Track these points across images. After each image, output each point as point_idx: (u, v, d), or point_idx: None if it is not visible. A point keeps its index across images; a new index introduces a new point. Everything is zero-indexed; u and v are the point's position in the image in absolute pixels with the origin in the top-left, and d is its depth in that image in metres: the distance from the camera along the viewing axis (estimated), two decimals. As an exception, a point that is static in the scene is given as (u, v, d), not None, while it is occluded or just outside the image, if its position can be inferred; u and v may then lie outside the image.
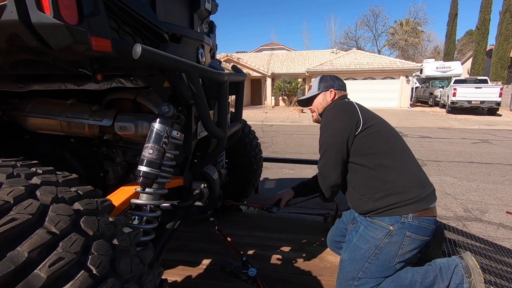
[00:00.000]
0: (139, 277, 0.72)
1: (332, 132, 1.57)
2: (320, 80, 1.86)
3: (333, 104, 1.73)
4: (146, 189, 1.01)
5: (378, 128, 1.58)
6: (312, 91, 1.86)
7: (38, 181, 0.71)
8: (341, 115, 1.59)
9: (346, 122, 1.55)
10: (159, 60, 0.82)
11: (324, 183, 1.66)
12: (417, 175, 1.55)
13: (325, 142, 1.58)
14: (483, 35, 23.04)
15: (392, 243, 1.43)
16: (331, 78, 1.85)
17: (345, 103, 1.70)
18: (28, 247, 0.54)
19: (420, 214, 1.44)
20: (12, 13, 0.66)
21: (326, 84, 1.82)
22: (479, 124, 11.04)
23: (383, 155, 1.53)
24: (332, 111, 1.66)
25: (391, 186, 1.47)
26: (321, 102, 1.82)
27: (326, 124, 1.62)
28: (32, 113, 1.22)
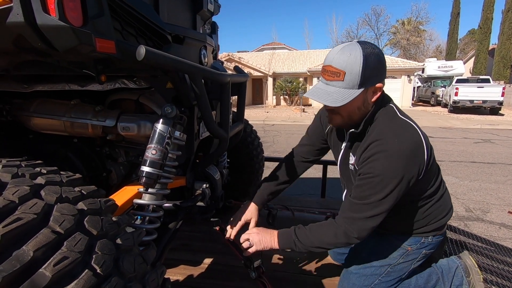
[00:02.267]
0: (142, 276, 0.73)
1: (394, 195, 1.09)
2: (364, 65, 1.04)
3: (393, 140, 1.08)
4: (148, 189, 1.02)
5: (433, 161, 1.22)
6: (345, 84, 1.08)
7: (42, 181, 0.72)
8: (410, 171, 1.08)
9: (413, 178, 1.10)
10: (162, 61, 0.83)
11: (348, 241, 1.16)
12: (447, 203, 1.36)
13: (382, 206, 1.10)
14: (485, 34, 22.97)
15: (407, 261, 1.36)
16: (379, 58, 1.08)
17: (412, 140, 1.10)
18: (33, 246, 0.55)
19: (439, 233, 1.37)
20: (18, 15, 0.66)
21: (373, 74, 1.08)
22: (481, 123, 11.02)
23: (427, 194, 1.27)
24: (394, 161, 1.07)
25: (426, 220, 1.31)
26: (359, 107, 1.15)
27: (384, 182, 1.08)
28: (36, 114, 1.23)
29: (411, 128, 1.14)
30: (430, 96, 20.25)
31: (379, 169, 1.08)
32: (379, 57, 1.07)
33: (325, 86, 1.12)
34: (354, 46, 1.07)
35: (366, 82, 1.07)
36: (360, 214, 1.12)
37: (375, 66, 1.06)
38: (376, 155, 1.09)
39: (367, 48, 1.06)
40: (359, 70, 1.05)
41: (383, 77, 1.12)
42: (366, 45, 1.07)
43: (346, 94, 1.07)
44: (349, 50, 1.06)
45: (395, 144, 1.07)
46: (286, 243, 1.27)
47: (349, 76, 1.06)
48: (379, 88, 1.12)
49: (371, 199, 1.10)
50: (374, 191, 1.09)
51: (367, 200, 1.11)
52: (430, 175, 1.22)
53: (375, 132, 1.15)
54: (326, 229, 1.20)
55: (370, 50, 1.06)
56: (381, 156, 1.08)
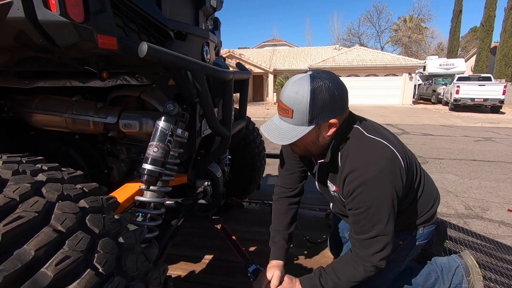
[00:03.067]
0: (144, 275, 0.72)
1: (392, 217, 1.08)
2: (311, 103, 1.01)
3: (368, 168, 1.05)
4: (150, 187, 1.02)
5: (411, 167, 1.21)
6: (294, 122, 1.06)
7: (43, 178, 0.71)
8: (397, 189, 1.07)
9: (400, 191, 1.09)
10: (165, 58, 0.82)
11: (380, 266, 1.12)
12: (432, 193, 1.36)
13: (388, 231, 1.08)
14: (487, 32, 22.87)
15: (401, 255, 1.36)
16: (329, 93, 1.02)
17: (386, 159, 1.07)
18: (35, 245, 0.55)
19: (428, 224, 1.37)
20: (19, 10, 0.66)
21: (323, 111, 1.03)
22: (482, 122, 11.00)
23: (412, 193, 1.27)
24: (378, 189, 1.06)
25: (410, 216, 1.32)
26: (314, 142, 1.12)
27: (381, 212, 1.06)
28: (38, 110, 1.22)
29: (381, 146, 1.10)
30: (431, 94, 20.20)
31: (368, 200, 1.06)
32: (331, 94, 1.02)
33: (278, 121, 1.12)
34: (304, 82, 1.02)
35: (316, 119, 1.04)
36: (375, 248, 1.10)
37: (324, 103, 1.02)
38: (358, 189, 1.07)
39: (317, 83, 1.01)
40: (306, 109, 1.02)
41: (337, 112, 1.07)
42: (318, 80, 1.02)
43: (295, 132, 1.06)
44: (297, 86, 1.03)
45: (371, 172, 1.05)
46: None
47: (296, 114, 1.04)
48: (333, 123, 1.07)
49: (374, 230, 1.09)
50: (374, 222, 1.08)
51: (371, 233, 1.09)
52: (410, 177, 1.21)
53: (348, 162, 1.11)
54: (353, 270, 1.16)
55: (320, 86, 1.01)
56: (364, 188, 1.06)
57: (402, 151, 1.13)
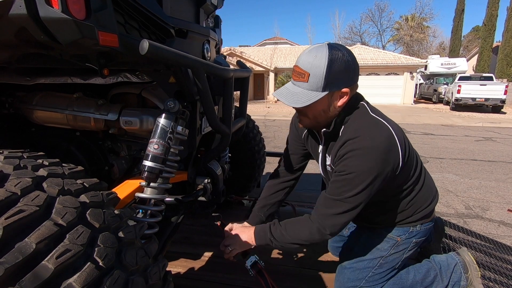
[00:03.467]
0: (144, 269, 0.73)
1: (367, 192, 1.10)
2: (328, 68, 1.03)
3: (365, 138, 1.08)
4: (150, 184, 1.03)
5: (410, 161, 1.23)
6: (309, 86, 1.08)
7: (44, 173, 0.72)
8: (383, 167, 1.09)
9: (387, 173, 1.11)
10: (165, 56, 0.82)
11: (321, 237, 1.17)
12: (431, 190, 1.38)
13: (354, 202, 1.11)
14: (489, 31, 22.81)
15: (398, 252, 1.38)
16: (346, 62, 1.06)
17: (383, 137, 1.10)
18: (36, 238, 0.55)
19: (426, 221, 1.39)
20: (21, 7, 0.66)
21: (338, 78, 1.06)
22: (483, 121, 10.98)
23: (407, 186, 1.28)
24: (367, 159, 1.07)
25: (410, 211, 1.33)
26: (325, 110, 1.14)
27: (357, 180, 1.09)
28: (39, 106, 1.23)
29: (384, 127, 1.13)
30: (432, 93, 20.17)
31: (353, 166, 1.09)
32: (346, 63, 1.06)
33: (292, 86, 1.14)
34: (322, 48, 1.06)
35: (330, 85, 1.07)
36: (333, 210, 1.14)
37: (340, 70, 1.05)
38: (350, 152, 1.10)
39: (335, 51, 1.04)
40: (322, 73, 1.04)
41: (351, 82, 1.10)
42: (335, 49, 1.05)
43: (309, 96, 1.08)
44: (315, 52, 1.06)
45: (368, 142, 1.08)
46: (263, 241, 1.29)
47: (312, 78, 1.06)
48: (345, 93, 1.10)
49: (344, 195, 1.12)
50: (348, 188, 1.11)
51: (340, 196, 1.13)
52: (408, 169, 1.23)
53: (349, 131, 1.15)
54: (300, 226, 1.22)
55: (337, 54, 1.04)
56: (355, 154, 1.09)
57: (402, 140, 1.15)
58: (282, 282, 1.66)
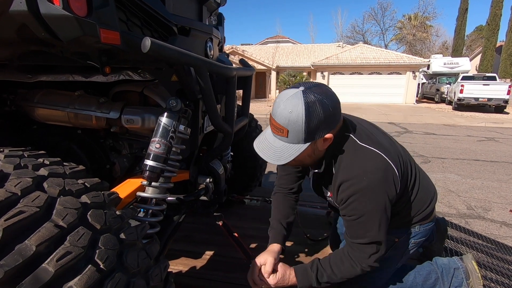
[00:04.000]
0: (145, 271, 0.72)
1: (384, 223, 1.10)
2: (307, 123, 0.99)
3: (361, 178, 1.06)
4: (152, 183, 1.02)
5: (405, 172, 1.22)
6: (289, 140, 1.04)
7: (45, 173, 0.71)
8: (389, 197, 1.09)
9: (393, 198, 1.11)
10: (168, 54, 0.81)
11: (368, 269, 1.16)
12: (429, 191, 1.36)
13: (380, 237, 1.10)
14: (493, 30, 22.69)
15: (397, 253, 1.37)
16: (324, 110, 1.00)
17: (379, 169, 1.08)
18: (36, 240, 0.54)
19: (425, 222, 1.37)
20: (21, 3, 0.65)
21: (319, 128, 1.02)
22: (486, 121, 10.94)
23: (407, 195, 1.27)
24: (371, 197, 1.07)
25: (407, 215, 1.33)
26: (310, 155, 1.12)
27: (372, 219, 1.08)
28: (40, 104, 1.22)
29: (376, 157, 1.10)
30: (434, 93, 20.09)
31: (361, 210, 1.08)
32: (325, 108, 1.00)
33: (272, 139, 1.09)
34: (297, 100, 0.98)
35: (312, 136, 1.03)
36: (366, 253, 1.14)
37: (319, 121, 1.00)
38: (352, 197, 1.08)
39: (311, 102, 0.98)
40: (301, 129, 1.00)
41: (333, 126, 1.06)
42: (310, 98, 0.99)
43: (291, 151, 1.05)
44: (290, 106, 0.99)
45: (365, 182, 1.06)
46: (307, 283, 1.21)
47: (292, 134, 1.02)
48: (329, 138, 1.07)
49: (367, 237, 1.11)
50: (367, 229, 1.10)
51: (365, 239, 1.12)
52: (404, 181, 1.22)
53: (341, 171, 1.11)
54: (347, 268, 1.18)
55: (314, 105, 0.98)
56: (357, 197, 1.07)
57: (395, 157, 1.14)
58: (283, 282, 1.65)
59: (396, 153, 1.17)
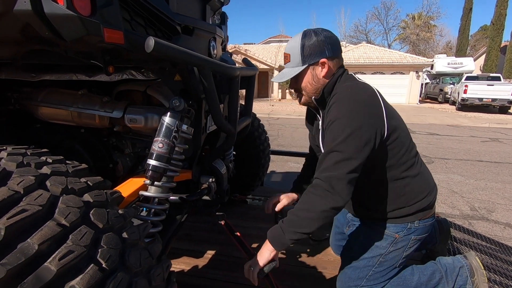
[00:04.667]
0: (147, 271, 0.72)
1: (356, 140, 1.11)
2: (302, 45, 1.23)
3: (347, 91, 1.19)
4: (154, 182, 1.02)
5: (399, 133, 1.26)
6: (292, 64, 1.28)
7: (48, 171, 0.71)
8: (367, 117, 1.13)
9: (373, 128, 1.14)
10: (171, 54, 0.81)
11: (331, 201, 1.11)
12: (428, 182, 1.38)
13: (345, 151, 1.10)
14: (498, 30, 22.52)
15: (397, 249, 1.37)
16: (318, 37, 1.23)
17: (366, 94, 1.19)
18: (39, 239, 0.54)
19: (425, 216, 1.37)
20: (25, 3, 0.65)
21: (313, 51, 1.23)
22: (490, 122, 10.86)
23: (400, 167, 1.29)
24: (349, 105, 1.15)
25: (406, 199, 1.32)
26: (310, 82, 1.29)
27: (342, 125, 1.12)
28: (44, 103, 1.22)
29: (369, 87, 1.24)
30: (438, 93, 19.97)
31: (336, 113, 1.16)
32: (318, 38, 1.23)
33: (284, 69, 1.34)
34: (299, 33, 1.27)
35: (308, 59, 1.25)
36: (329, 162, 1.13)
37: (313, 45, 1.23)
38: (334, 104, 1.19)
39: (308, 32, 1.25)
40: (298, 51, 1.24)
41: (327, 54, 1.24)
42: (309, 30, 1.26)
43: (292, 71, 1.28)
44: (294, 36, 1.29)
45: (349, 92, 1.19)
46: (279, 239, 1.19)
47: (292, 57, 1.27)
48: (324, 63, 1.25)
49: (334, 143, 1.13)
50: (335, 135, 1.13)
51: (331, 147, 1.14)
52: (398, 143, 1.26)
53: (336, 93, 1.24)
54: (308, 198, 1.17)
55: (310, 33, 1.24)
56: (338, 103, 1.18)
57: (387, 105, 1.23)
58: (285, 282, 1.65)
59: (388, 105, 1.25)
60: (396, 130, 1.25)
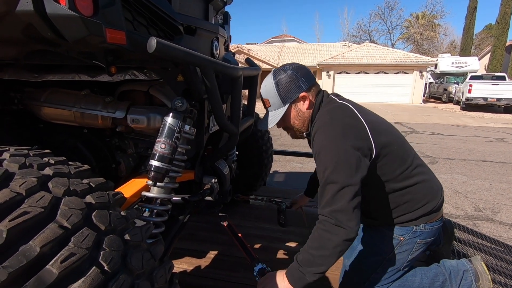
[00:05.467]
0: (150, 273, 0.72)
1: (345, 165, 1.08)
2: (276, 87, 1.26)
3: (326, 117, 1.20)
4: (157, 183, 1.01)
5: (390, 149, 1.23)
6: (274, 107, 1.30)
7: (50, 172, 0.71)
8: (350, 140, 1.12)
9: (359, 149, 1.12)
10: (173, 54, 0.81)
11: (342, 235, 1.07)
12: (431, 187, 1.35)
13: (339, 180, 1.08)
14: (503, 29, 22.34)
15: (402, 252, 1.35)
16: (288, 74, 1.25)
17: (346, 116, 1.20)
18: (41, 241, 0.54)
19: (431, 220, 1.35)
20: (28, 3, 0.65)
21: (289, 89, 1.25)
22: (494, 122, 10.79)
23: (396, 179, 1.27)
24: (330, 132, 1.15)
25: (407, 206, 1.31)
26: (297, 118, 1.32)
27: (328, 154, 1.11)
28: (47, 103, 1.22)
29: (345, 107, 1.25)
30: (442, 92, 19.87)
31: (319, 143, 1.16)
32: (290, 74, 1.26)
33: (267, 113, 1.36)
34: (268, 77, 1.31)
35: (287, 98, 1.27)
36: (328, 197, 1.10)
37: (287, 83, 1.26)
38: (315, 134, 1.20)
39: (277, 72, 1.28)
40: (275, 93, 1.27)
41: (303, 87, 1.26)
42: (277, 70, 1.29)
43: (277, 115, 1.31)
44: (265, 82, 1.32)
45: (327, 118, 1.20)
46: (300, 283, 1.13)
47: (272, 100, 1.30)
48: (304, 97, 1.27)
49: (326, 175, 1.10)
50: (325, 166, 1.11)
51: (325, 180, 1.11)
52: (383, 166, 1.23)
53: (316, 122, 1.26)
54: (318, 236, 1.13)
55: (279, 73, 1.27)
56: (318, 132, 1.19)
57: (369, 120, 1.21)
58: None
59: (372, 119, 1.25)
60: (387, 146, 1.22)
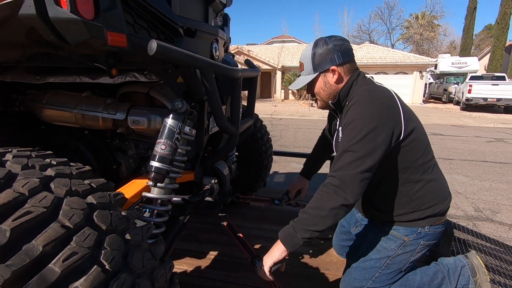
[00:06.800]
0: (150, 272, 0.73)
1: (371, 141, 1.12)
2: (312, 54, 1.29)
3: (365, 94, 1.22)
4: (157, 184, 1.02)
5: (417, 135, 1.26)
6: (305, 72, 1.34)
7: (52, 173, 0.72)
8: (383, 119, 1.14)
9: (389, 130, 1.15)
10: (174, 56, 0.82)
11: (341, 199, 1.11)
12: (443, 188, 1.36)
13: (360, 150, 1.12)
14: (502, 29, 22.32)
15: (406, 252, 1.36)
16: (327, 46, 1.27)
17: (384, 96, 1.22)
18: (43, 240, 0.55)
19: (436, 222, 1.35)
20: (30, 7, 0.66)
21: (322, 60, 1.28)
22: (495, 122, 10.79)
23: (416, 170, 1.28)
24: (367, 107, 1.17)
25: (418, 203, 1.31)
26: (323, 88, 1.34)
27: (359, 126, 1.14)
28: (48, 105, 1.23)
29: (384, 88, 1.29)
30: (442, 93, 19.86)
31: (354, 114, 1.19)
32: (328, 45, 1.27)
33: (299, 77, 1.42)
34: (312, 43, 1.33)
35: (318, 67, 1.30)
36: (342, 162, 1.15)
37: (323, 54, 1.28)
38: (353, 106, 1.22)
39: (320, 41, 1.30)
40: (310, 60, 1.31)
41: (337, 62, 1.28)
42: (321, 39, 1.31)
43: (305, 79, 1.35)
44: (307, 47, 1.34)
45: (368, 95, 1.21)
46: (291, 239, 1.19)
47: (305, 65, 1.34)
48: (334, 70, 1.29)
49: (350, 143, 1.15)
50: (352, 136, 1.15)
51: (347, 146, 1.16)
52: (415, 146, 1.26)
53: (354, 96, 1.28)
54: (319, 196, 1.18)
55: (320, 42, 1.29)
56: (356, 105, 1.21)
57: (405, 107, 1.24)
58: (287, 283, 1.65)
59: (407, 108, 1.27)
60: (414, 132, 1.25)
